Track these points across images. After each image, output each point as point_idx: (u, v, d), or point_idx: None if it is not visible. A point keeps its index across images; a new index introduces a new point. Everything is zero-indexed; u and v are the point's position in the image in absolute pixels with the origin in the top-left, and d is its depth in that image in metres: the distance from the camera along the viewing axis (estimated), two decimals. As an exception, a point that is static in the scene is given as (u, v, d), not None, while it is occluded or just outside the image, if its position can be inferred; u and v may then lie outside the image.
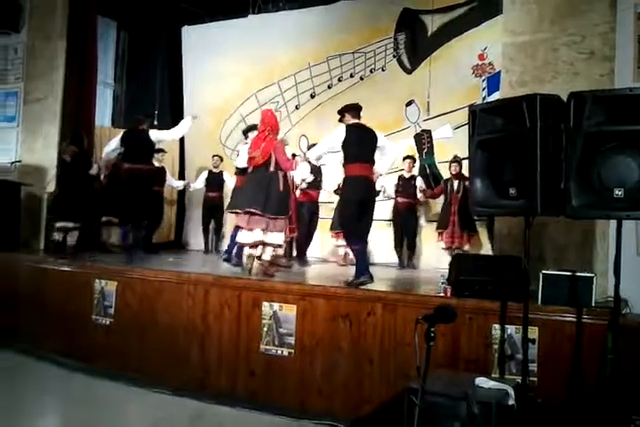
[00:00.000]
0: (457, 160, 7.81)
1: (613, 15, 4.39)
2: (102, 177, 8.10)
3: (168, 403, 4.90)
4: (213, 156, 9.57)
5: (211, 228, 9.58)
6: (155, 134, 7.06)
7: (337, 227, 7.29)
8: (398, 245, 8.19)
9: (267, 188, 5.67)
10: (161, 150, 8.57)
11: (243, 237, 5.81)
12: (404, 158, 8.18)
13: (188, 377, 5.14)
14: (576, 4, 4.54)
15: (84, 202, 7.48)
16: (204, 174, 9.44)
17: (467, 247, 7.70)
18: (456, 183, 7.79)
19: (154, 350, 5.36)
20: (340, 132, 5.45)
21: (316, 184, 7.93)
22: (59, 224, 7.39)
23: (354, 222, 5.40)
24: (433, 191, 8.05)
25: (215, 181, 9.37)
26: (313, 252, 8.51)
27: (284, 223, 5.85)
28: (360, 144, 5.41)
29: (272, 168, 5.73)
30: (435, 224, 8.11)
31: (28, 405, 4.76)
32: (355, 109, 5.58)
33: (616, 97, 3.11)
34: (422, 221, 8.39)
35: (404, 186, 8.12)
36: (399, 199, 8.12)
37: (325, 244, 8.70)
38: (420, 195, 8.05)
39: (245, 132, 7.22)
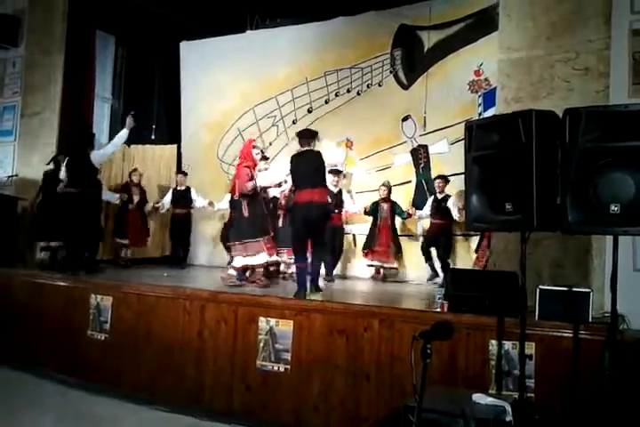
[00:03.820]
0: (385, 184, 8.15)
1: (608, 32, 4.43)
2: None
3: (163, 419, 4.87)
4: (177, 173, 9.56)
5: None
6: (94, 156, 6.96)
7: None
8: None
9: (235, 215, 6.27)
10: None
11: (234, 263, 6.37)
12: (435, 178, 8.08)
13: (183, 393, 5.10)
14: (571, 21, 4.58)
15: (62, 220, 7.19)
16: (226, 199, 9.24)
17: (394, 265, 8.19)
18: (385, 206, 8.11)
19: (149, 366, 5.33)
20: (282, 166, 6.01)
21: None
22: (42, 244, 7.43)
23: (300, 242, 5.73)
24: None
25: (181, 198, 9.25)
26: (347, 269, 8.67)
27: (257, 246, 6.18)
28: (303, 171, 5.69)
29: (236, 196, 6.28)
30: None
31: (23, 421, 4.72)
32: (302, 137, 5.84)
33: (611, 113, 3.12)
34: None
35: (437, 207, 7.94)
36: (433, 220, 8.01)
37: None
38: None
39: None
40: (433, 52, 8.61)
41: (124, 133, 6.88)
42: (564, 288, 3.83)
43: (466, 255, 7.97)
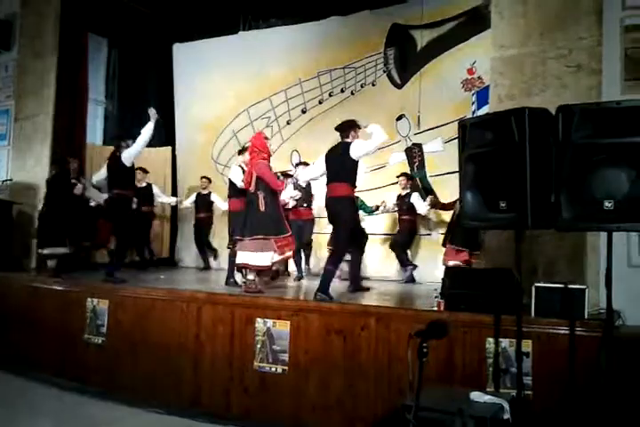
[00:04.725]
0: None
1: (600, 29, 4.44)
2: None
3: (161, 422, 4.86)
4: (202, 177, 9.62)
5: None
6: (125, 156, 6.67)
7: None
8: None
9: (248, 210, 5.81)
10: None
11: (238, 259, 5.86)
12: (398, 176, 8.26)
13: (181, 395, 5.09)
14: (563, 18, 4.58)
15: (69, 225, 7.21)
16: (193, 197, 9.55)
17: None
18: None
19: (146, 369, 5.31)
20: (320, 160, 5.79)
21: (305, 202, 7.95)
22: (46, 251, 7.09)
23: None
24: (444, 203, 8.01)
25: (203, 202, 9.44)
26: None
27: (268, 243, 5.71)
28: (329, 165, 5.66)
29: (253, 188, 5.82)
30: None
31: (20, 425, 4.71)
32: (340, 129, 5.75)
33: (604, 110, 3.12)
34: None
35: (401, 203, 8.22)
36: (399, 217, 8.29)
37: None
38: (426, 209, 8.04)
39: (239, 153, 7.11)
40: (426, 50, 8.63)
41: (150, 126, 6.61)
42: (560, 285, 3.86)
43: (433, 250, 8.09)
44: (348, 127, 5.71)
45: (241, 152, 6.98)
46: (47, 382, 5.72)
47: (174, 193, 10.45)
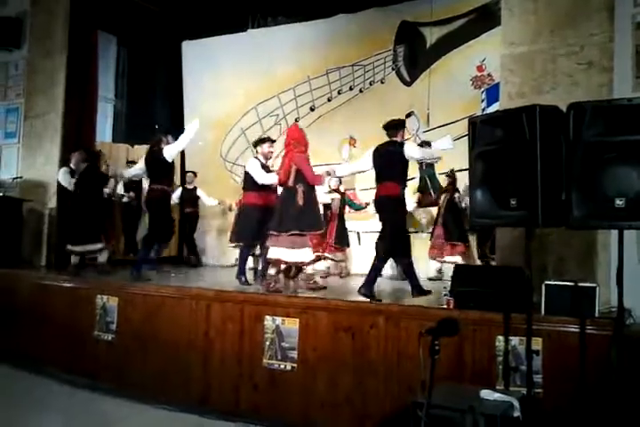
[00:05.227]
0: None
1: (611, 25, 4.41)
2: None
3: (171, 419, 4.87)
4: (187, 172, 9.61)
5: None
6: (168, 152, 6.63)
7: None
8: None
9: (285, 204, 5.58)
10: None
11: (271, 254, 5.66)
12: None
13: (190, 392, 5.11)
14: (574, 14, 4.56)
15: (103, 221, 7.22)
16: (178, 192, 9.33)
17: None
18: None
19: (156, 366, 5.33)
20: (367, 156, 5.60)
21: None
22: (77, 248, 6.91)
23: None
24: (431, 200, 8.04)
25: (189, 197, 9.40)
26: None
27: (305, 239, 5.56)
28: (378, 164, 5.51)
29: (291, 182, 5.60)
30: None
31: (30, 421, 4.74)
32: (388, 128, 5.63)
33: (615, 107, 3.11)
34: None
35: None
36: None
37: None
38: (413, 206, 8.02)
39: (255, 146, 6.81)
40: (435, 48, 8.62)
41: (195, 124, 6.62)
42: (570, 283, 3.84)
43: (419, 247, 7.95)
44: (397, 126, 5.63)
45: (257, 144, 6.66)
46: (57, 378, 5.75)
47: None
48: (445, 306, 4.48)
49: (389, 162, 5.46)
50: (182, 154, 10.38)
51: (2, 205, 7.42)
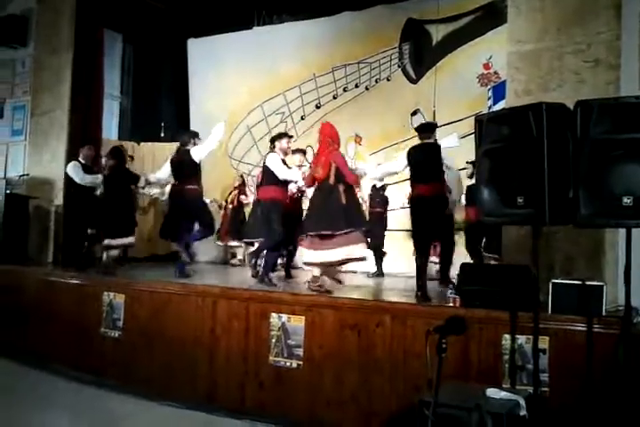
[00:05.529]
0: None
1: (619, 23, 4.39)
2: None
3: (177, 416, 4.88)
4: None
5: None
6: (196, 153, 6.66)
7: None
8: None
9: (325, 203, 5.47)
10: None
11: (307, 257, 5.60)
12: None
13: (196, 389, 5.13)
14: (581, 12, 4.54)
15: (131, 216, 7.24)
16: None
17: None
18: None
19: (162, 363, 5.35)
20: (401, 158, 5.56)
21: None
22: (115, 242, 6.88)
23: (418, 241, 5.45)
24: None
25: None
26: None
27: (348, 238, 5.39)
28: (416, 165, 5.46)
29: (332, 181, 5.47)
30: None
31: (37, 418, 4.75)
32: (419, 131, 5.63)
33: (622, 105, 3.09)
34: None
35: (374, 195, 8.21)
36: (371, 209, 8.12)
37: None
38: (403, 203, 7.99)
39: (272, 141, 6.60)
40: (441, 45, 8.60)
41: (221, 126, 6.66)
42: (577, 282, 3.83)
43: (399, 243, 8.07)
44: (430, 129, 5.65)
45: (275, 139, 6.50)
46: (64, 375, 5.78)
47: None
48: (452, 304, 4.48)
49: (426, 163, 5.43)
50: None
51: (9, 203, 7.45)
